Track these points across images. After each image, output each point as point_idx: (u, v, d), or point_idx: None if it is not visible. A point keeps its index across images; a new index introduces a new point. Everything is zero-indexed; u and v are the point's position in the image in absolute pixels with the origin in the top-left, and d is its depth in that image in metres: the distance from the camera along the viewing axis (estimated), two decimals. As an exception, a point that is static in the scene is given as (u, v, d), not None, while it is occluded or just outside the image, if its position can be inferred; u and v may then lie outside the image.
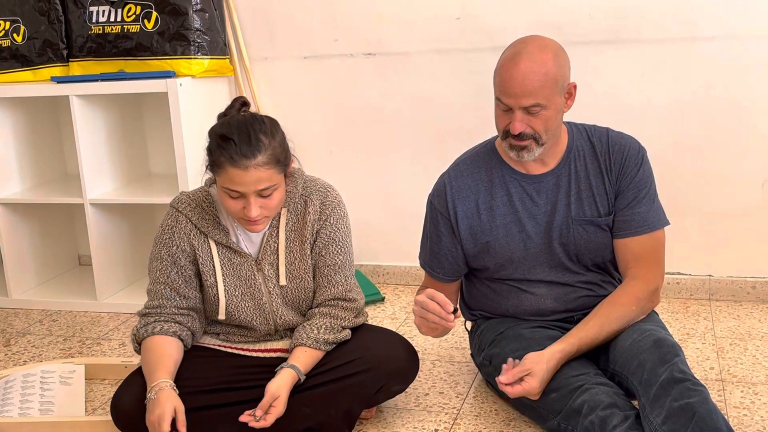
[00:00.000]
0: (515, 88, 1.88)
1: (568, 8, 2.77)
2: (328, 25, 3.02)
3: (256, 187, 1.83)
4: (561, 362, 1.88)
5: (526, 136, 1.93)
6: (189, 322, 2.01)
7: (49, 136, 3.37)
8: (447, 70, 2.94)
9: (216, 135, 1.85)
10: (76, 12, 3.00)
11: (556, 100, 1.91)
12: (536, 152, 1.97)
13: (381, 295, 3.01)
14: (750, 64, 2.67)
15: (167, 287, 1.99)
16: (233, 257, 2.00)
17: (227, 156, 1.80)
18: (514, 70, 1.88)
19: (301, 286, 2.02)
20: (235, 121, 1.85)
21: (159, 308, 1.99)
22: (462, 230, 2.09)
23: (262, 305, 2.02)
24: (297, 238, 2.00)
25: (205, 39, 2.92)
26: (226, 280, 2.00)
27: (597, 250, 2.05)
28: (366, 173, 3.13)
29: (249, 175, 1.80)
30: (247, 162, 1.80)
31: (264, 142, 1.82)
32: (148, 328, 1.97)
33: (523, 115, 1.91)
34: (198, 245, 1.99)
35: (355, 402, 1.98)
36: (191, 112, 2.87)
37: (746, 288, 2.83)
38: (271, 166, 1.83)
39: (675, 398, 1.67)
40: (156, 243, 2.02)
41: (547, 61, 1.88)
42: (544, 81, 1.87)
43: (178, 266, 1.99)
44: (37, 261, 3.31)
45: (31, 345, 2.78)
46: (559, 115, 1.95)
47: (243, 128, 1.83)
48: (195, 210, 1.99)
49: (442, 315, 1.87)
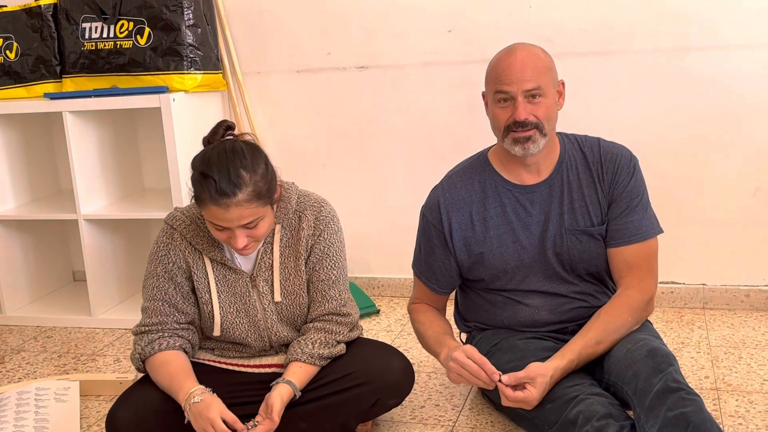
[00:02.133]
0: (516, 73, 1.93)
1: (559, 20, 2.79)
2: (321, 38, 3.04)
3: (239, 222, 1.82)
4: (560, 378, 1.88)
5: (530, 123, 1.94)
6: (189, 335, 2.01)
7: (43, 153, 3.37)
8: (439, 83, 2.96)
9: (197, 171, 1.82)
10: (69, 28, 3.01)
11: (552, 91, 1.97)
12: (540, 143, 1.97)
13: (376, 308, 3.01)
14: (740, 74, 2.69)
15: (165, 303, 1.98)
16: (228, 274, 1.99)
17: (207, 194, 1.79)
18: (512, 57, 1.95)
19: (296, 302, 2.02)
20: (216, 154, 1.81)
21: (159, 324, 1.97)
22: (456, 242, 2.09)
23: (257, 322, 2.01)
24: (291, 253, 2.00)
25: (198, 54, 2.92)
26: (221, 297, 1.99)
27: (591, 259, 2.06)
28: (359, 186, 3.14)
29: (230, 213, 1.79)
30: (227, 200, 1.78)
31: (244, 178, 1.79)
32: (154, 345, 1.95)
33: (525, 102, 1.94)
34: (193, 262, 1.98)
35: (351, 416, 1.97)
36: (184, 126, 2.88)
37: (740, 296, 2.84)
38: (252, 201, 1.81)
39: (670, 408, 1.67)
40: (151, 260, 2.01)
41: (540, 53, 1.99)
42: (540, 67, 1.94)
43: (174, 282, 1.98)
44: (31, 277, 3.30)
45: (25, 362, 2.77)
46: (556, 109, 2.00)
47: (223, 164, 1.79)
48: (190, 227, 1.98)
49: (484, 379, 1.87)
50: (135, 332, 2.00)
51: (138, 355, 1.96)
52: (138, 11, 2.91)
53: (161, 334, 1.97)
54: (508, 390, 1.86)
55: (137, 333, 2.00)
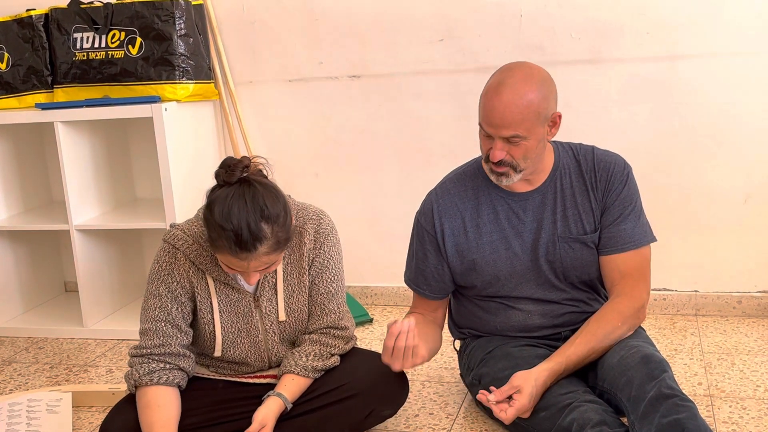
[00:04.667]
0: (496, 119, 1.90)
1: (550, 28, 2.80)
2: (313, 48, 3.04)
3: (256, 269, 1.81)
4: (549, 381, 1.89)
5: (505, 163, 1.96)
6: (189, 365, 1.96)
7: (34, 163, 3.36)
8: (431, 92, 2.96)
9: (215, 221, 1.75)
10: (60, 38, 3.00)
11: (537, 130, 1.93)
12: (514, 178, 1.98)
13: (369, 317, 3.01)
14: (731, 82, 2.70)
15: (168, 324, 1.93)
16: (231, 294, 1.97)
17: (226, 246, 1.74)
18: (496, 100, 1.90)
19: (299, 319, 2.01)
20: (236, 206, 1.74)
21: (162, 347, 1.92)
22: (448, 248, 2.09)
23: (258, 342, 2.00)
24: (295, 270, 1.99)
25: (190, 64, 2.93)
26: (224, 317, 1.97)
27: (583, 267, 2.06)
28: (352, 195, 3.14)
29: (250, 264, 1.78)
30: (248, 254, 1.75)
31: (265, 232, 1.75)
32: (153, 376, 1.89)
33: (503, 144, 1.93)
34: (196, 282, 1.95)
35: (345, 428, 1.96)
36: (177, 136, 2.88)
37: (732, 303, 2.85)
38: (272, 252, 1.79)
39: (664, 414, 1.67)
40: (152, 280, 1.96)
41: (530, 92, 1.89)
42: (525, 113, 1.88)
43: (178, 302, 1.94)
44: (22, 288, 3.29)
45: (17, 373, 2.75)
46: (541, 143, 1.97)
47: (243, 218, 1.73)
48: (192, 247, 1.94)
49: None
50: (134, 354, 1.94)
51: (134, 381, 1.91)
52: (130, 21, 2.91)
53: (163, 366, 1.91)
54: (503, 414, 1.85)
55: (136, 355, 1.93)
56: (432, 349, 2.10)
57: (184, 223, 2.00)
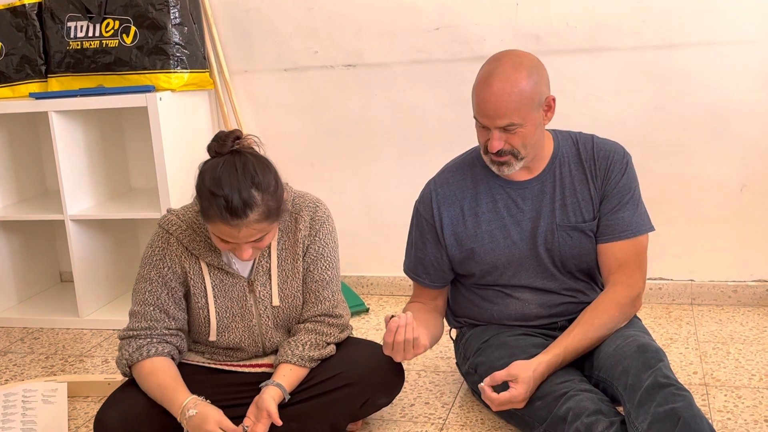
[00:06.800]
0: (489, 109, 1.90)
1: (546, 17, 2.79)
2: (308, 37, 3.03)
3: (247, 239, 1.80)
4: (546, 373, 1.89)
5: (505, 152, 1.96)
6: (178, 342, 1.98)
7: (29, 153, 3.35)
8: (427, 81, 2.95)
9: (206, 188, 1.77)
10: (54, 28, 2.99)
11: (532, 116, 1.92)
12: (516, 166, 1.99)
13: (365, 306, 3.01)
14: (727, 70, 2.70)
15: (156, 308, 1.95)
16: (225, 278, 1.97)
17: (217, 213, 1.76)
18: (487, 91, 1.90)
19: (293, 304, 2.01)
20: (226, 172, 1.77)
21: (148, 329, 1.94)
22: (447, 237, 2.09)
23: (252, 327, 2.00)
24: (289, 256, 1.99)
25: (185, 53, 2.91)
26: (218, 302, 1.97)
27: (581, 255, 2.06)
28: (348, 184, 3.13)
29: (240, 232, 1.78)
30: (238, 221, 1.76)
31: (256, 199, 1.76)
32: (141, 351, 1.91)
33: (500, 133, 1.93)
34: (189, 267, 1.96)
35: (341, 416, 1.97)
36: (171, 126, 2.87)
37: (728, 292, 2.85)
38: (263, 221, 1.79)
39: (659, 403, 1.67)
40: (144, 263, 1.97)
41: (521, 80, 1.89)
42: (518, 101, 1.88)
43: (168, 287, 1.95)
44: (17, 278, 3.28)
45: (12, 363, 2.75)
46: (539, 129, 1.97)
47: (234, 184, 1.75)
48: (186, 232, 1.95)
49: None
50: (122, 336, 1.97)
51: (125, 360, 1.93)
52: (124, 10, 2.89)
53: (149, 340, 1.94)
54: (494, 395, 1.86)
55: (124, 337, 1.96)
56: (434, 337, 2.10)
57: (180, 208, 2.01)
